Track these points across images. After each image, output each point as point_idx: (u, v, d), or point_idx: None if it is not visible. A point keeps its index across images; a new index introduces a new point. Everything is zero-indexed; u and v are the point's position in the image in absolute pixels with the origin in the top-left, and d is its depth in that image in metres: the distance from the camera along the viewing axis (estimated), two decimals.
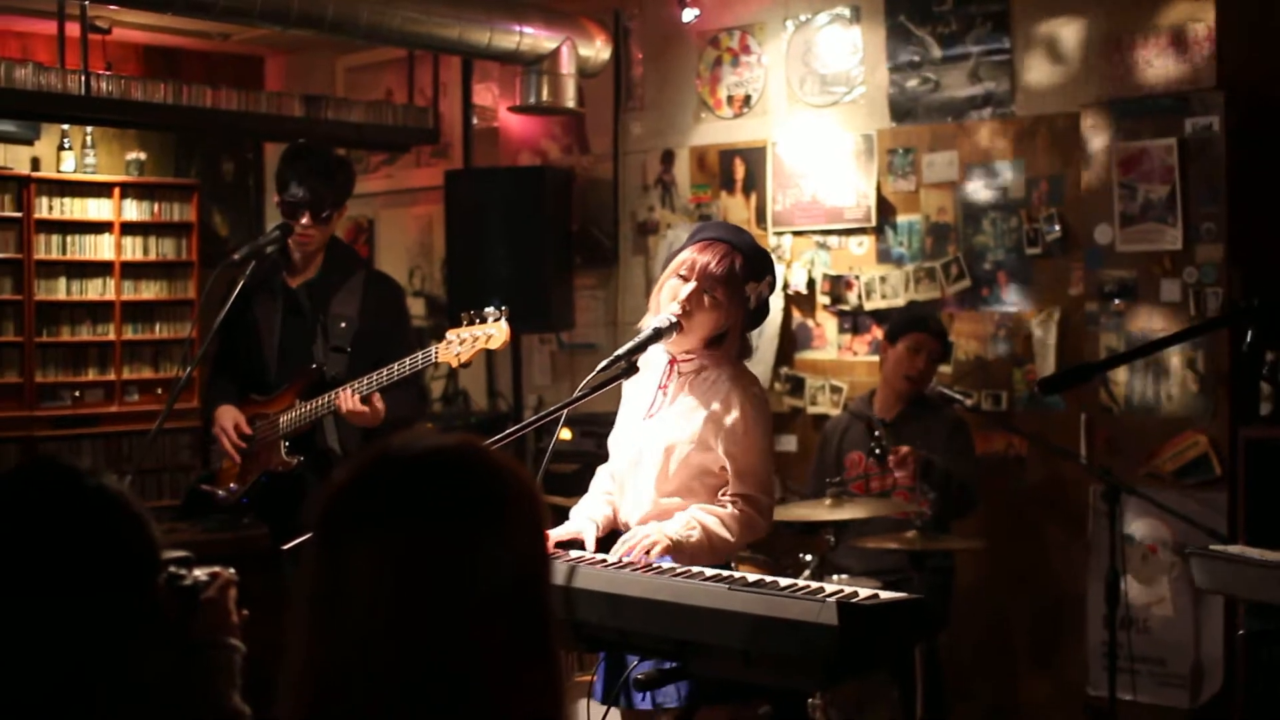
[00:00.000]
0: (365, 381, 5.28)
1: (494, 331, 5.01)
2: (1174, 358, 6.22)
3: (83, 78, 7.64)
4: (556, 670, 1.98)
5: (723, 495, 4.11)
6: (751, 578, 3.55)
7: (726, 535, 4.00)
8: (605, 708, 4.13)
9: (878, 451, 6.53)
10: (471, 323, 5.05)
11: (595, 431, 7.81)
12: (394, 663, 1.83)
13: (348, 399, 5.30)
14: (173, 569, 2.55)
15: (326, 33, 7.44)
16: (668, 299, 4.17)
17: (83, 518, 2.25)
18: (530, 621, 1.93)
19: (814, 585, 3.51)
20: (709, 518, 4.01)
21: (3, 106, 7.84)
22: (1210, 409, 6.15)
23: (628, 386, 4.39)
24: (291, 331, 5.72)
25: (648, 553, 3.87)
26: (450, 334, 5.09)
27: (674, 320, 4.10)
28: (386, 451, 1.97)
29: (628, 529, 4.19)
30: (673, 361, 4.25)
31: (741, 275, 4.14)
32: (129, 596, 2.24)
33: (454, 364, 5.08)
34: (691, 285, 4.13)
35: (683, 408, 4.17)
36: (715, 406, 4.11)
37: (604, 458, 7.48)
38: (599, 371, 4.07)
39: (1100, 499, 6.28)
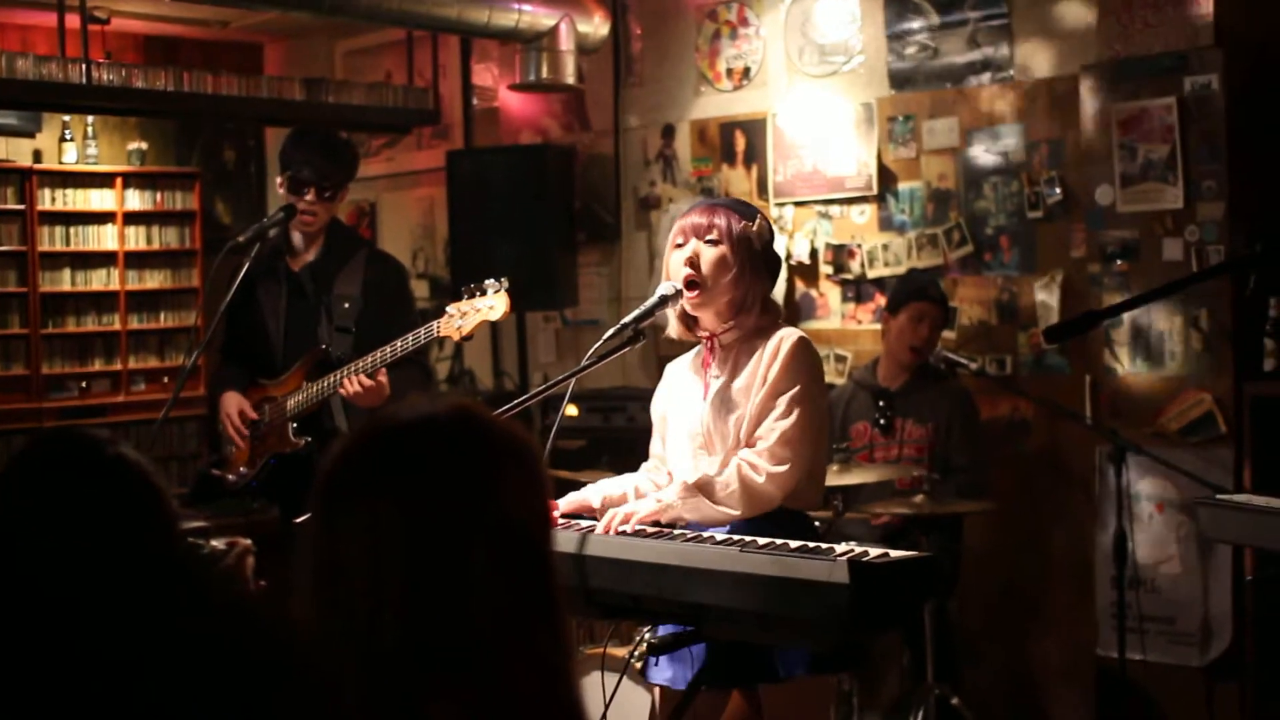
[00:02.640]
0: (370, 359, 5.28)
1: (495, 303, 5.02)
2: (1177, 317, 6.23)
3: (83, 67, 7.64)
4: (564, 632, 1.98)
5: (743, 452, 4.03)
6: (762, 540, 3.58)
7: (728, 497, 3.94)
8: (618, 679, 4.14)
9: (882, 422, 6.55)
10: (472, 296, 5.06)
11: (601, 407, 7.84)
12: (397, 632, 1.84)
13: (351, 383, 5.31)
14: (190, 539, 2.57)
15: (326, 14, 7.45)
16: (676, 271, 4.17)
17: (101, 485, 2.27)
18: (534, 582, 1.94)
19: (825, 546, 3.54)
20: (707, 481, 3.97)
21: (4, 98, 7.85)
22: (1214, 367, 6.16)
23: (668, 388, 4.39)
24: (296, 314, 5.74)
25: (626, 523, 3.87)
26: (451, 308, 5.10)
27: (679, 287, 4.10)
28: (377, 421, 1.99)
29: None
30: (711, 339, 4.24)
31: (732, 220, 4.14)
32: (148, 562, 2.25)
33: (455, 337, 5.08)
34: (691, 244, 4.14)
35: (739, 381, 4.12)
36: (763, 370, 4.07)
37: (611, 433, 7.55)
38: (606, 340, 4.06)
39: (1106, 460, 6.32)
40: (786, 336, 4.10)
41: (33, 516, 2.22)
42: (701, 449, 4.16)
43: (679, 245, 4.16)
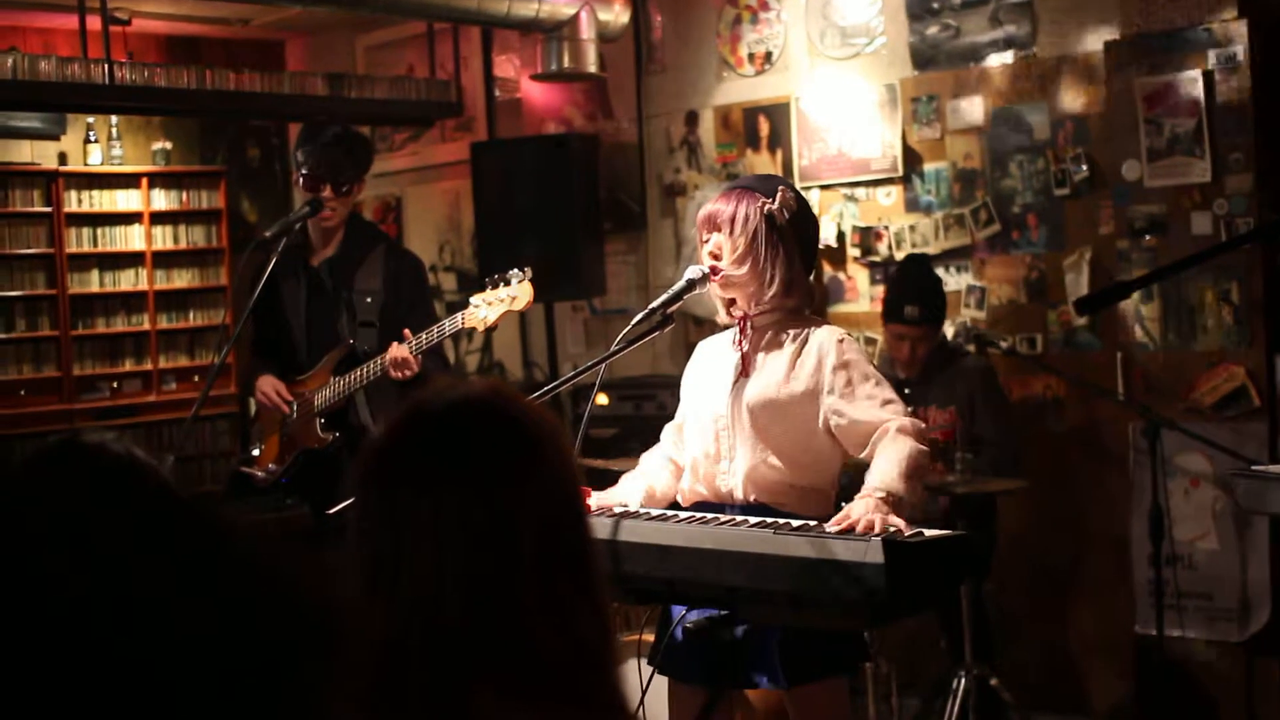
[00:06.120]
0: (412, 344, 5.29)
1: (519, 292, 5.02)
2: (1207, 290, 6.20)
3: (106, 67, 7.66)
4: (606, 613, 1.98)
5: (888, 421, 3.90)
6: (795, 522, 3.56)
7: (922, 455, 3.84)
8: (650, 671, 4.12)
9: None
10: (496, 286, 5.06)
11: (632, 395, 7.83)
12: (457, 616, 1.84)
13: (398, 348, 5.27)
14: None
15: (345, 8, 7.45)
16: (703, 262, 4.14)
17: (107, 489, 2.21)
18: (577, 561, 1.94)
19: None
20: (903, 457, 3.81)
21: (29, 99, 7.86)
22: (1246, 340, 6.13)
23: (699, 362, 4.35)
24: (317, 310, 5.74)
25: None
26: (475, 299, 5.10)
27: (705, 270, 4.08)
28: (422, 406, 1.97)
29: (704, 495, 4.19)
30: (744, 319, 4.18)
31: (750, 206, 4.06)
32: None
33: (481, 328, 5.08)
34: (712, 238, 4.10)
35: (772, 365, 4.08)
36: (808, 361, 4.03)
37: (642, 421, 7.52)
38: (634, 325, 4.05)
39: (1140, 436, 6.29)
40: (827, 338, 4.05)
41: (43, 530, 2.15)
42: (725, 430, 4.12)
43: (704, 240, 4.14)
